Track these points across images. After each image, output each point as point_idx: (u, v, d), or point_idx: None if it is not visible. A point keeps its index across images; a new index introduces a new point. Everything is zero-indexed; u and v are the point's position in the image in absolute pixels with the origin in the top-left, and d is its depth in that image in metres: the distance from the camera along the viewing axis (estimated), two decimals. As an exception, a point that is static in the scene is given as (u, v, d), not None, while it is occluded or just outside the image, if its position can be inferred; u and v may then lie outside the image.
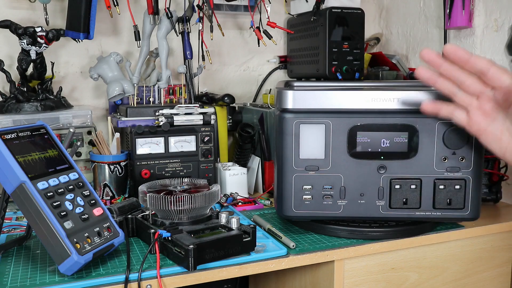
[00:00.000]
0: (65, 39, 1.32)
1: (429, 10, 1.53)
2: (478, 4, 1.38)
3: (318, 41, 1.38)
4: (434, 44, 1.53)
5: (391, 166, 0.93)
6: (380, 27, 1.75)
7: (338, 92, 0.93)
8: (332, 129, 0.93)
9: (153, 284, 0.79)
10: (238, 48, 1.60)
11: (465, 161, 0.93)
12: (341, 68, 1.35)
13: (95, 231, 0.82)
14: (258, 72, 1.64)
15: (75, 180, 0.86)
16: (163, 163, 1.21)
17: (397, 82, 1.40)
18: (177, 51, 1.49)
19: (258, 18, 1.40)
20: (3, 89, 1.32)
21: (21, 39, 1.23)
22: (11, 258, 0.89)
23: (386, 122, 0.93)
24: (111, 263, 0.84)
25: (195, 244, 0.80)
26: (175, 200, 0.91)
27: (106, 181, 1.17)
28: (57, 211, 0.78)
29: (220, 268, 0.84)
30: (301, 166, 0.94)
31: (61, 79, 1.41)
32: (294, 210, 0.95)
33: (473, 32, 1.40)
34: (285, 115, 0.93)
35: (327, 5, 1.36)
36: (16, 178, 0.78)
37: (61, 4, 1.37)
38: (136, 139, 1.18)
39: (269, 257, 0.88)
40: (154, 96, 1.37)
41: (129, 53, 1.46)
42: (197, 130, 1.23)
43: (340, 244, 0.94)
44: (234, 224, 0.89)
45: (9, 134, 0.81)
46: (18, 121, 1.20)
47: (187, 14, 1.37)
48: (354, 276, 0.95)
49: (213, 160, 1.25)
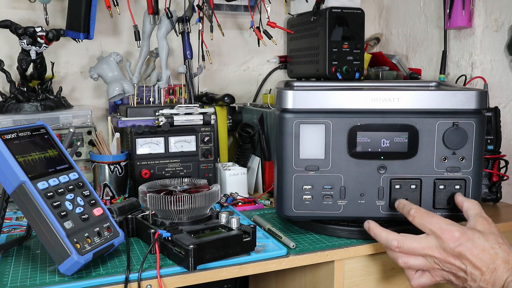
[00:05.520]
0: (65, 39, 1.32)
1: (429, 10, 1.53)
2: (478, 4, 1.38)
3: (318, 41, 1.38)
4: (434, 44, 1.53)
5: (391, 166, 0.93)
6: (380, 27, 1.75)
7: (338, 92, 0.93)
8: (332, 129, 0.93)
9: (153, 284, 0.79)
10: (238, 48, 1.60)
11: (465, 161, 0.93)
12: (341, 68, 1.35)
13: (95, 231, 0.82)
14: (258, 72, 1.64)
15: (75, 180, 0.86)
16: (163, 163, 1.21)
17: (397, 82, 1.41)
18: (177, 51, 1.49)
19: (258, 18, 1.40)
20: (3, 89, 1.32)
21: (21, 39, 1.23)
22: (11, 258, 0.88)
23: (386, 122, 0.92)
24: (111, 263, 0.84)
25: (195, 244, 0.80)
26: (175, 200, 0.90)
27: (106, 181, 1.17)
28: (57, 211, 0.78)
29: (220, 268, 0.84)
30: (301, 166, 0.94)
31: (61, 79, 1.41)
32: (294, 210, 0.95)
33: (473, 32, 1.40)
34: (285, 115, 0.93)
35: (327, 5, 1.36)
36: (16, 178, 0.78)
37: (61, 4, 1.37)
38: (136, 139, 1.18)
39: (269, 257, 0.88)
40: (154, 96, 1.37)
41: (129, 53, 1.46)
42: (197, 130, 1.23)
43: (340, 244, 0.94)
44: (234, 224, 0.89)
45: (9, 134, 0.81)
46: (18, 121, 1.20)
47: (187, 14, 1.37)
48: (354, 276, 0.95)
49: (213, 160, 1.25)
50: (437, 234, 0.81)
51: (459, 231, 0.80)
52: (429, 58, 1.55)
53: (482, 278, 0.78)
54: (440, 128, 0.92)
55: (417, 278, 0.85)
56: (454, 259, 0.80)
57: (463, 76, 1.41)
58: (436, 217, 0.83)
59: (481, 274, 0.78)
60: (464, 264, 0.79)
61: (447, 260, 0.80)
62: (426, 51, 1.56)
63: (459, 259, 0.79)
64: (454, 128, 0.91)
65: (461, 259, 0.79)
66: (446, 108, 0.92)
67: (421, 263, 0.83)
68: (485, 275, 0.78)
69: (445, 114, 0.92)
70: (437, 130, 0.92)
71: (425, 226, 0.83)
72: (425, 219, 0.83)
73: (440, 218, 0.83)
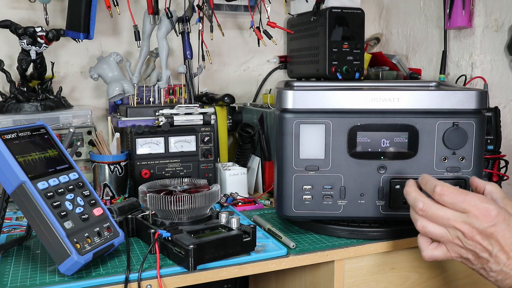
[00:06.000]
0: (65, 39, 1.32)
1: (429, 10, 1.53)
2: (478, 4, 1.38)
3: (318, 41, 1.38)
4: (434, 44, 1.53)
5: (391, 166, 0.93)
6: (380, 27, 1.75)
7: (338, 92, 0.93)
8: (332, 129, 0.93)
9: (153, 284, 0.79)
10: (238, 48, 1.60)
11: (465, 161, 0.93)
12: (341, 68, 1.35)
13: (95, 231, 0.82)
14: (258, 72, 1.64)
15: (75, 180, 0.86)
16: (163, 163, 1.21)
17: (397, 82, 1.41)
18: (177, 51, 1.49)
19: (258, 18, 1.40)
20: (3, 89, 1.32)
21: (21, 39, 1.23)
22: (11, 258, 0.89)
23: (386, 122, 0.92)
24: (111, 263, 0.84)
25: (195, 244, 0.80)
26: (175, 200, 0.90)
27: (106, 181, 1.17)
28: (57, 211, 0.78)
29: (220, 268, 0.84)
30: (301, 166, 0.94)
31: (61, 79, 1.41)
32: (294, 210, 0.95)
33: (473, 32, 1.40)
34: (285, 115, 0.93)
35: (327, 5, 1.36)
36: (16, 178, 0.78)
37: (61, 4, 1.37)
38: (136, 139, 1.18)
39: (269, 257, 0.88)
40: (154, 96, 1.37)
41: (129, 53, 1.46)
42: (197, 130, 1.23)
43: (340, 244, 0.94)
44: (234, 224, 0.89)
45: (9, 134, 0.81)
46: (18, 121, 1.20)
47: (187, 14, 1.37)
48: (354, 276, 0.95)
49: (213, 160, 1.25)
50: (473, 213, 0.75)
51: (496, 210, 0.74)
52: (429, 58, 1.55)
53: (508, 262, 0.74)
54: (440, 128, 0.92)
55: (431, 249, 0.80)
56: (482, 238, 0.75)
57: (463, 76, 1.41)
58: (469, 195, 0.76)
59: (507, 259, 0.74)
60: (492, 245, 0.75)
61: (474, 238, 0.75)
62: (426, 51, 1.56)
63: (487, 240, 0.75)
64: (454, 128, 0.91)
65: (490, 239, 0.75)
66: (446, 108, 0.92)
67: (440, 232, 0.78)
68: (511, 259, 0.74)
69: (445, 114, 0.92)
70: (437, 130, 0.92)
71: (457, 206, 0.76)
72: (457, 198, 0.76)
73: (474, 196, 0.76)
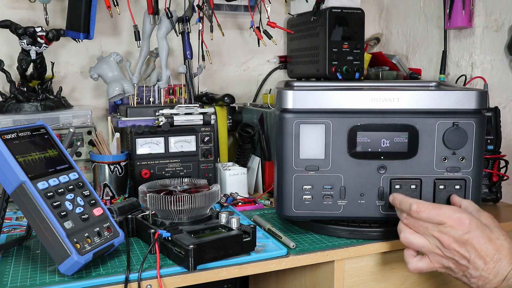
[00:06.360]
0: (65, 39, 1.32)
1: (429, 10, 1.53)
2: (478, 4, 1.38)
3: (318, 41, 1.38)
4: (434, 44, 1.53)
5: (391, 166, 0.93)
6: (380, 27, 1.75)
7: (338, 92, 0.93)
8: (332, 129, 0.93)
9: (153, 284, 0.79)
10: (238, 48, 1.60)
11: (465, 161, 0.93)
12: (341, 68, 1.35)
13: (95, 231, 0.82)
14: (258, 72, 1.64)
15: (75, 180, 0.86)
16: (163, 163, 1.21)
17: (397, 82, 1.41)
18: (177, 51, 1.49)
19: (258, 18, 1.40)
20: (3, 89, 1.32)
21: (21, 39, 1.23)
22: (11, 258, 0.89)
23: (386, 122, 0.92)
24: (111, 263, 0.84)
25: (195, 244, 0.80)
26: (175, 200, 0.90)
27: (106, 181, 1.17)
28: (57, 211, 0.78)
29: (220, 268, 0.84)
30: (301, 166, 0.94)
31: (61, 79, 1.41)
32: (294, 210, 0.95)
33: (473, 32, 1.40)
34: (285, 115, 0.93)
35: (327, 5, 1.36)
36: (16, 178, 0.78)
37: (61, 4, 1.37)
38: (136, 139, 1.18)
39: (269, 257, 0.88)
40: (154, 96, 1.37)
41: (129, 53, 1.46)
42: (197, 130, 1.23)
43: (340, 244, 0.94)
44: (234, 224, 0.89)
45: (9, 134, 0.81)
46: (18, 121, 1.20)
47: (187, 14, 1.37)
48: (354, 276, 0.95)
49: (213, 160, 1.25)
50: (448, 223, 0.80)
51: (468, 219, 0.79)
52: (429, 58, 1.55)
53: (485, 267, 0.77)
54: (440, 128, 0.92)
55: (416, 261, 0.85)
56: (459, 246, 0.79)
57: (463, 76, 1.41)
58: (444, 208, 0.81)
59: (485, 264, 0.77)
60: (468, 252, 0.78)
61: (451, 246, 0.79)
62: (426, 51, 1.56)
63: (464, 246, 0.79)
64: (454, 128, 0.91)
65: (466, 246, 0.78)
66: (446, 108, 0.92)
67: (422, 242, 0.83)
68: (489, 264, 0.77)
69: (445, 114, 0.92)
70: (437, 130, 0.92)
71: (434, 219, 0.81)
72: (432, 212, 0.81)
73: (448, 208, 0.81)
